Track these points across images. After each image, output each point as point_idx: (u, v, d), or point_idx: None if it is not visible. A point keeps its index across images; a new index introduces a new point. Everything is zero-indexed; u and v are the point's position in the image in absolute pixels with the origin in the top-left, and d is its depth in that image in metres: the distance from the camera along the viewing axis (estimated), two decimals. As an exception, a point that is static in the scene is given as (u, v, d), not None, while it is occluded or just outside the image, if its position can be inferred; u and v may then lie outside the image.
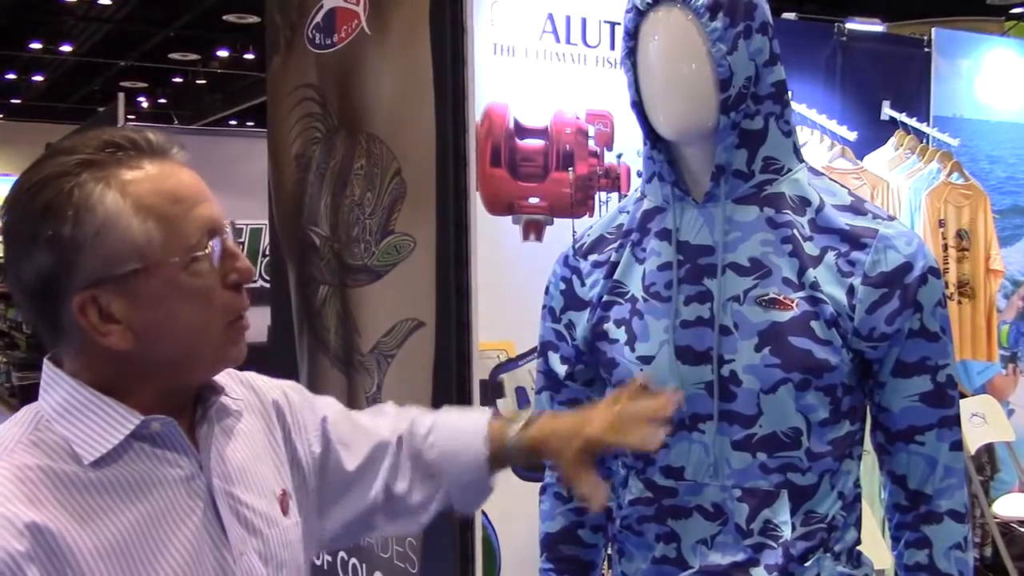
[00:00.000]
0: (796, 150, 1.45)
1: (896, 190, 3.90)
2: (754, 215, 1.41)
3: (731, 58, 1.35)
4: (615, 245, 1.53)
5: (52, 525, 1.02)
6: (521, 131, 2.86)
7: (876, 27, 4.27)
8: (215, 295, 1.09)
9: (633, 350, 1.46)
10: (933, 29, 4.37)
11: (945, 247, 3.98)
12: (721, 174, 1.41)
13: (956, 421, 1.42)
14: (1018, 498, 3.79)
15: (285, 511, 1.24)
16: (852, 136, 3.86)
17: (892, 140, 4.04)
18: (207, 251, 1.08)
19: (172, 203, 1.07)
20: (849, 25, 4.06)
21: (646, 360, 1.44)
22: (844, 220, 1.40)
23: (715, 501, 1.42)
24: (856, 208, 1.43)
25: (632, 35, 1.41)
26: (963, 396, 3.94)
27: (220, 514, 1.14)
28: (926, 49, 4.26)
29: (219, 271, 1.10)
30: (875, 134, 4.05)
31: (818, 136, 3.84)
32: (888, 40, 4.46)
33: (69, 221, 1.03)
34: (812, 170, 1.48)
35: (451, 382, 2.62)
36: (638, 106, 1.43)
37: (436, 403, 2.67)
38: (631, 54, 1.42)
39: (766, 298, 1.38)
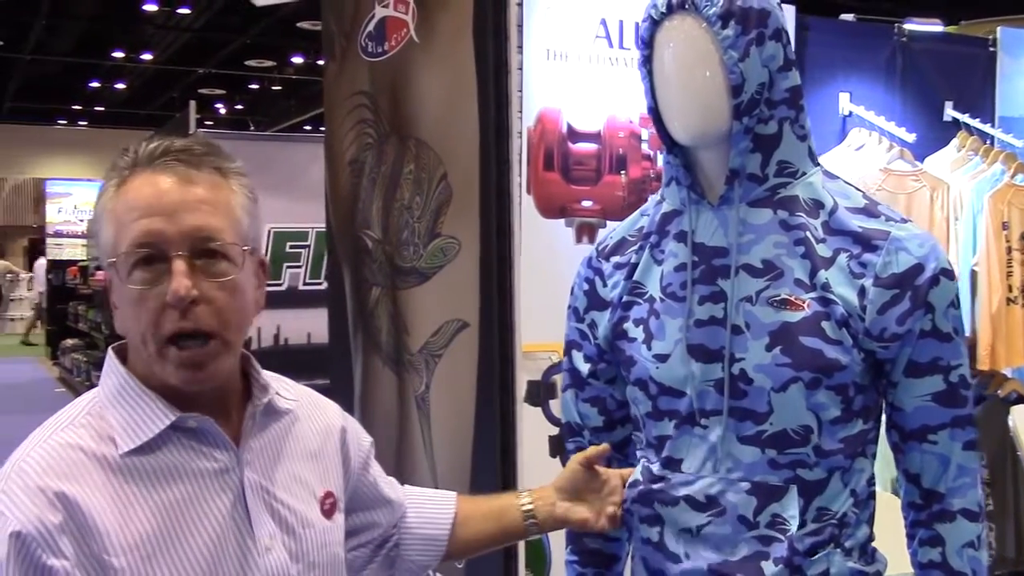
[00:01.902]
0: (811, 154, 1.47)
1: (958, 192, 3.84)
2: (768, 218, 1.44)
3: (743, 65, 1.38)
4: (635, 247, 1.57)
5: (82, 500, 1.10)
6: (574, 135, 2.89)
7: (935, 27, 4.21)
8: (141, 306, 1.15)
9: (650, 348, 1.49)
10: (999, 28, 4.29)
11: (1009, 250, 3.91)
12: (735, 178, 1.44)
13: (969, 421, 1.43)
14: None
15: (329, 514, 1.31)
16: (911, 138, 3.81)
17: (955, 141, 3.98)
18: (128, 260, 1.15)
19: (125, 212, 1.16)
20: (908, 26, 4.02)
21: (661, 358, 1.48)
22: (857, 222, 1.42)
23: (708, 493, 1.45)
24: (869, 211, 1.45)
25: (648, 43, 1.45)
26: (1025, 402, 3.88)
27: (248, 507, 1.20)
28: (991, 48, 4.19)
29: (153, 284, 1.15)
30: (938, 135, 4.00)
31: (876, 138, 3.80)
32: (950, 40, 4.40)
33: (94, 217, 1.20)
34: (827, 173, 1.50)
35: (495, 382, 2.66)
36: (654, 112, 1.47)
37: (481, 402, 2.74)
38: (647, 62, 1.46)
39: (778, 299, 1.41)
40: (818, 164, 1.49)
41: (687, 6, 1.40)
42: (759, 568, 1.42)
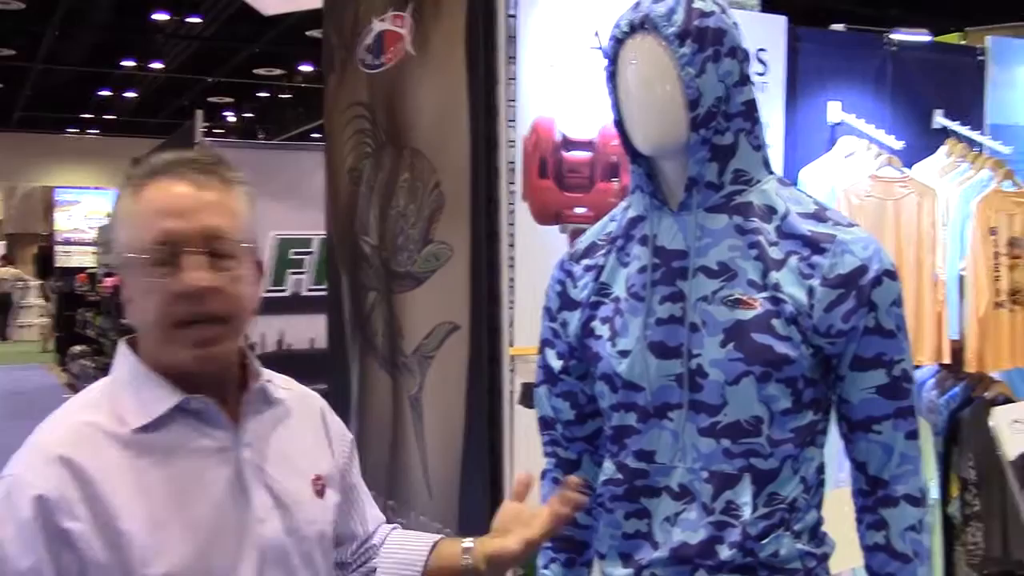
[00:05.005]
0: (766, 162, 1.57)
1: (946, 198, 3.91)
2: (724, 223, 1.54)
3: (699, 80, 1.48)
4: (604, 251, 1.67)
5: (95, 471, 1.23)
6: (568, 144, 2.96)
7: (923, 37, 4.28)
8: (157, 296, 1.27)
9: (614, 345, 1.59)
10: (988, 37, 4.37)
11: (996, 255, 3.97)
12: (694, 185, 1.54)
13: (911, 412, 1.53)
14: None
15: (320, 494, 1.42)
16: (899, 145, 3.88)
17: (943, 148, 4.03)
18: (147, 256, 1.27)
19: (144, 214, 1.29)
20: (896, 36, 4.09)
21: (624, 354, 1.58)
22: (807, 227, 1.52)
23: (681, 482, 1.55)
24: (819, 216, 1.54)
25: (612, 60, 1.55)
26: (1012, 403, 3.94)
27: (246, 482, 1.32)
28: (979, 58, 4.26)
29: (169, 277, 1.27)
30: (927, 143, 4.05)
31: (865, 145, 3.87)
32: (939, 49, 4.46)
33: (111, 221, 1.32)
34: (781, 181, 1.60)
35: (483, 383, 2.76)
36: (620, 124, 1.57)
37: (471, 402, 2.83)
38: (612, 77, 1.56)
39: (732, 298, 1.51)
40: (772, 172, 1.59)
41: (647, 26, 1.50)
42: (715, 552, 1.51)
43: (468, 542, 1.49)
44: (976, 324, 3.74)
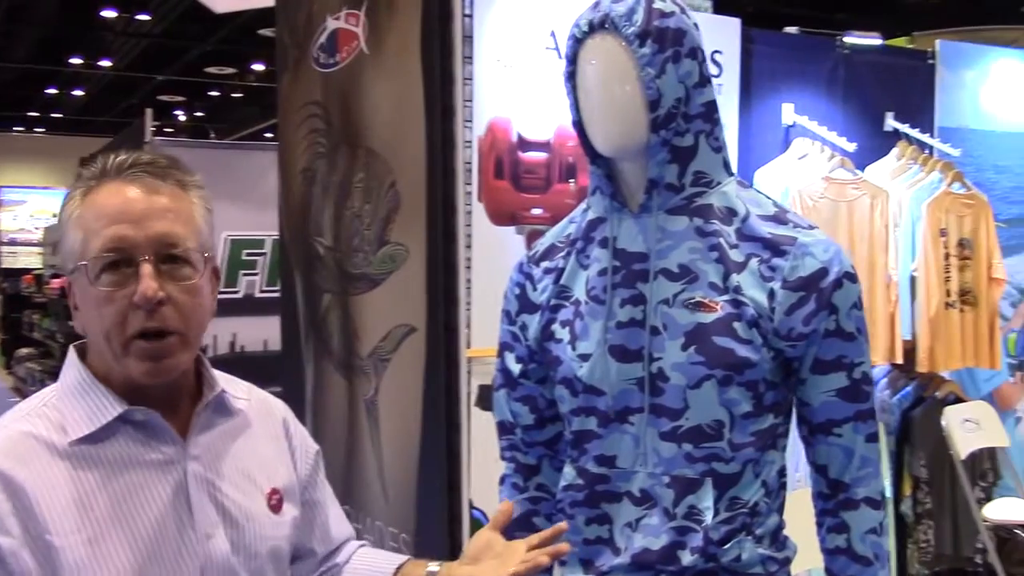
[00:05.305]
0: (726, 164, 1.57)
1: (897, 200, 3.95)
2: (684, 225, 1.53)
3: (659, 81, 1.47)
4: (563, 253, 1.65)
5: (29, 483, 1.18)
6: (524, 144, 2.96)
7: (875, 41, 4.32)
8: (107, 306, 1.22)
9: (574, 348, 1.57)
10: (937, 41, 4.42)
11: (947, 256, 4.02)
12: (654, 187, 1.52)
13: (871, 415, 1.53)
14: (1013, 502, 3.83)
15: (276, 509, 1.37)
16: (851, 147, 3.92)
17: (894, 151, 4.08)
18: (96, 263, 1.22)
19: (94, 219, 1.23)
20: (848, 39, 4.13)
21: (584, 358, 1.56)
22: (767, 229, 1.52)
23: (643, 487, 1.54)
24: (779, 218, 1.54)
25: (571, 60, 1.53)
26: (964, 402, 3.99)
27: (190, 498, 1.26)
28: (929, 61, 4.31)
29: (120, 286, 1.22)
30: (878, 145, 4.10)
31: (819, 147, 3.90)
32: (890, 52, 4.52)
33: (58, 224, 1.27)
34: (740, 182, 1.59)
35: (440, 384, 2.73)
36: (579, 125, 1.55)
37: (428, 405, 2.81)
38: (571, 77, 1.54)
39: (692, 301, 1.50)
40: (732, 174, 1.58)
41: (607, 25, 1.48)
42: (677, 557, 1.50)
43: (434, 566, 1.44)
44: (927, 324, 3.79)
